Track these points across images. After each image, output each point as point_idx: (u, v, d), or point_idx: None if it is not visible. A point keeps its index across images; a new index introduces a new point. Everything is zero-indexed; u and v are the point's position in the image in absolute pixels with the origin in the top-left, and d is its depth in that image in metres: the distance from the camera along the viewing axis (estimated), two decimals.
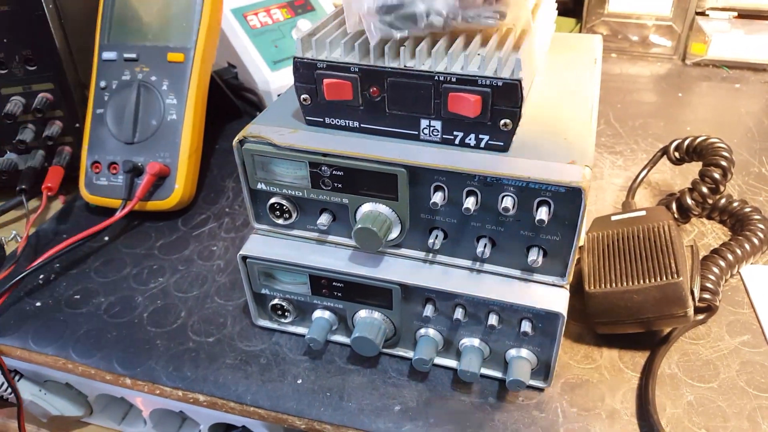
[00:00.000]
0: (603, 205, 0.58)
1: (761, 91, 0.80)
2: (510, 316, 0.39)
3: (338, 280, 0.41)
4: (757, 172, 0.63)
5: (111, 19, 0.60)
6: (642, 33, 0.87)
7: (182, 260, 0.54)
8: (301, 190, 0.40)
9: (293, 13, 0.75)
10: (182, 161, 0.57)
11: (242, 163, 0.39)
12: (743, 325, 0.46)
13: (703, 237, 0.54)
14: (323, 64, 0.36)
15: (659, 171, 0.62)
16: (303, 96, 0.38)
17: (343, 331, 0.44)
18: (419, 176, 0.37)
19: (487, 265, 0.39)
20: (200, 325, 0.48)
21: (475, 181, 0.36)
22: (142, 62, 0.59)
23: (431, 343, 0.41)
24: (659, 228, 0.44)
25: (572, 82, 0.43)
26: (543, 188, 0.34)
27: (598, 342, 0.45)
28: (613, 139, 0.68)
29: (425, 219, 0.39)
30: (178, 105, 0.57)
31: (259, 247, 0.42)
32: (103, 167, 0.58)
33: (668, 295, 0.40)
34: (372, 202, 0.38)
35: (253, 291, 0.44)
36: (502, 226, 0.37)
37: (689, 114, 0.74)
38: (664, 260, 0.41)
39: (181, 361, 0.45)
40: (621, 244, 0.44)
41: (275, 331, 0.46)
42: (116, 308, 0.50)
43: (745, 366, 0.43)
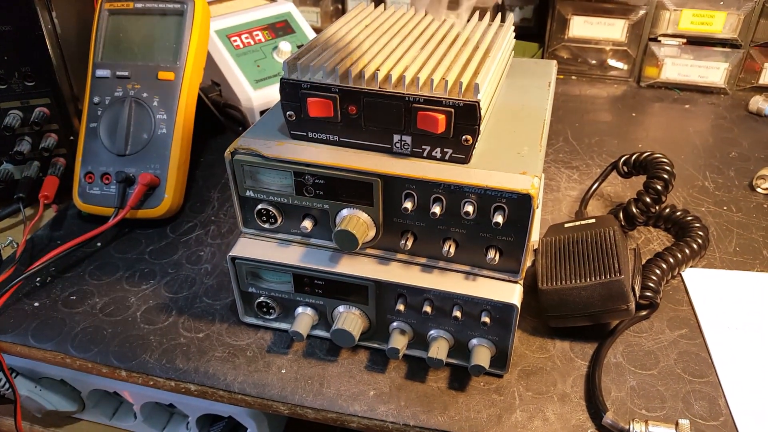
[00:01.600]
0: (558, 214, 0.63)
1: (708, 112, 0.86)
2: (471, 309, 0.43)
3: (319, 278, 0.46)
4: (700, 186, 0.69)
5: (104, 39, 0.64)
6: (600, 57, 0.94)
7: (172, 264, 0.58)
8: (286, 197, 0.44)
9: (274, 35, 0.80)
10: (171, 172, 0.61)
11: (233, 173, 0.44)
12: (682, 321, 0.51)
13: (649, 243, 0.59)
14: (307, 84, 0.41)
15: (611, 184, 0.68)
16: (288, 113, 0.43)
17: (323, 326, 0.49)
18: (392, 185, 0.42)
19: (452, 264, 0.44)
20: (190, 323, 0.52)
21: (441, 189, 0.41)
22: (133, 80, 0.63)
23: (403, 334, 0.46)
24: (606, 233, 0.49)
25: (527, 102, 0.49)
26: (498, 195, 0.39)
27: (552, 335, 0.50)
28: (570, 156, 0.74)
29: (397, 222, 0.44)
30: (167, 120, 0.62)
31: (247, 249, 0.46)
32: (96, 177, 0.62)
33: (612, 291, 0.46)
34: (350, 208, 0.43)
35: (240, 290, 0.49)
36: (464, 228, 0.42)
37: (641, 132, 0.81)
38: (609, 261, 0.47)
39: (173, 354, 0.49)
40: (571, 248, 0.50)
41: (261, 327, 0.51)
42: (111, 308, 0.54)
43: (682, 355, 0.48)
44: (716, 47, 0.89)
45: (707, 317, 0.51)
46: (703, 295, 0.54)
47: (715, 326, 0.51)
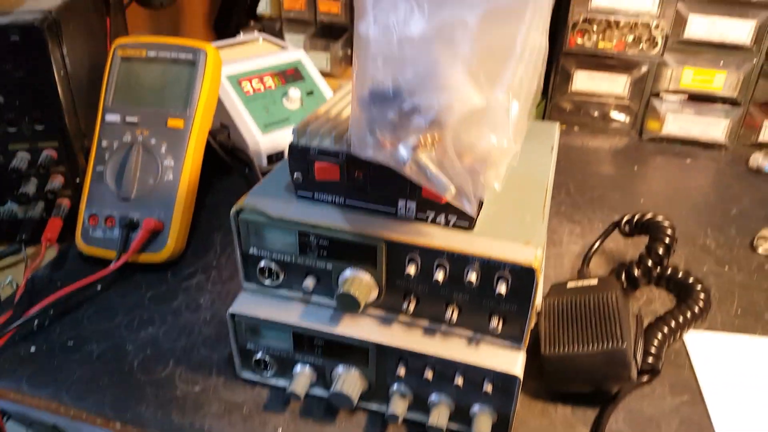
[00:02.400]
0: (561, 270, 0.63)
1: (709, 167, 0.87)
2: (473, 376, 0.43)
3: (319, 338, 0.45)
4: (702, 244, 0.69)
5: (116, 84, 0.65)
6: (603, 110, 0.95)
7: (171, 311, 0.58)
8: (289, 255, 0.44)
9: (284, 81, 0.81)
10: (176, 218, 0.61)
11: (237, 230, 0.44)
12: (684, 386, 0.51)
13: (651, 303, 0.59)
14: (315, 150, 0.41)
15: (613, 240, 0.68)
16: (296, 175, 0.43)
17: (321, 385, 0.48)
18: (396, 249, 0.42)
19: (455, 329, 0.44)
20: (187, 374, 0.51)
21: (444, 256, 0.41)
22: (142, 125, 0.63)
23: (402, 399, 0.45)
24: (608, 297, 0.49)
25: (531, 169, 0.49)
26: (502, 266, 0.40)
27: (554, 399, 0.49)
28: (572, 209, 0.75)
29: (400, 286, 0.44)
30: (175, 167, 0.62)
31: (247, 305, 0.46)
32: (99, 220, 0.62)
33: (614, 359, 0.45)
34: (353, 269, 0.43)
35: (238, 345, 0.48)
36: (467, 295, 0.42)
37: (643, 186, 0.81)
38: (611, 328, 0.47)
39: (169, 407, 0.48)
40: (574, 311, 0.50)
41: (258, 384, 0.50)
42: (108, 355, 0.53)
43: (684, 423, 0.48)
44: (717, 104, 0.90)
45: (709, 383, 0.51)
46: (704, 360, 0.53)
47: (716, 393, 0.50)
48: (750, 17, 0.83)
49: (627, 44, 0.88)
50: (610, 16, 0.87)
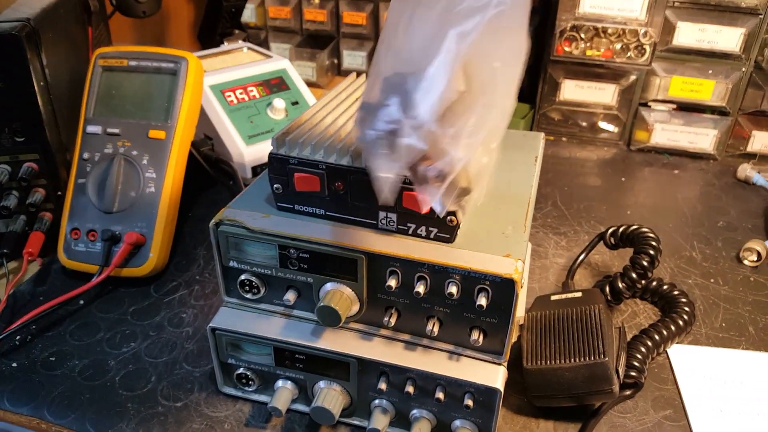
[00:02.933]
0: (546, 283, 0.63)
1: (697, 178, 0.87)
2: (455, 390, 0.43)
3: (300, 352, 0.45)
4: (688, 256, 0.69)
5: (97, 95, 0.64)
6: (591, 119, 0.95)
7: (153, 326, 0.57)
8: (270, 268, 0.44)
9: (269, 91, 0.81)
10: (158, 231, 0.61)
11: (217, 243, 0.44)
12: (666, 401, 0.51)
13: (636, 317, 0.59)
14: (295, 160, 0.41)
15: (599, 252, 0.68)
16: (276, 186, 0.43)
17: (303, 400, 0.48)
18: (376, 261, 0.41)
19: (436, 343, 0.44)
20: (169, 390, 0.51)
21: (425, 268, 0.41)
22: (124, 137, 0.63)
23: (384, 414, 0.45)
24: (591, 311, 0.49)
25: (514, 180, 0.49)
26: (482, 278, 0.39)
27: (536, 414, 0.49)
28: (558, 221, 0.74)
29: (382, 299, 0.43)
30: (156, 179, 0.62)
31: (228, 320, 0.46)
32: (81, 234, 0.62)
33: (595, 373, 0.45)
34: (334, 282, 0.43)
35: (220, 360, 0.48)
36: (448, 308, 0.42)
37: (630, 198, 0.81)
38: (593, 341, 0.46)
39: (151, 424, 0.48)
40: (557, 324, 0.49)
41: (239, 399, 0.50)
42: (90, 371, 0.53)
43: None
44: (705, 114, 0.90)
45: (692, 398, 0.51)
46: (688, 374, 0.53)
47: (699, 408, 0.50)
48: (739, 25, 0.83)
49: (615, 52, 0.88)
50: (597, 24, 0.87)
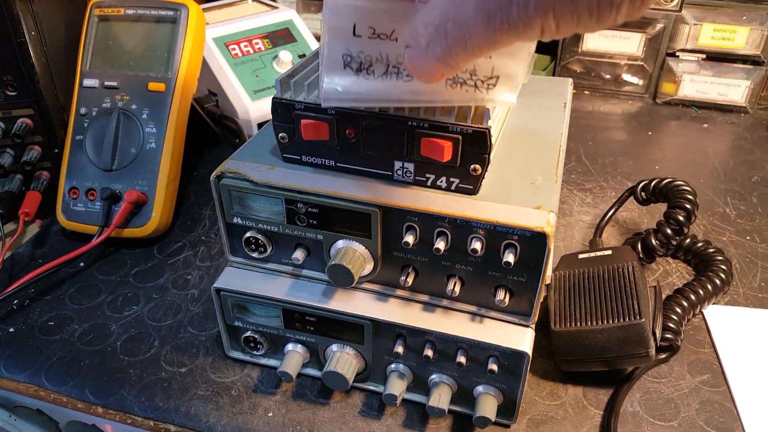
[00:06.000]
0: (571, 242, 0.59)
1: (727, 132, 0.82)
2: (477, 354, 0.40)
3: (311, 314, 0.42)
4: (721, 213, 0.65)
5: (93, 47, 0.61)
6: (614, 72, 0.90)
7: (157, 288, 0.54)
8: (276, 225, 0.40)
9: (275, 44, 0.77)
10: (160, 190, 0.57)
11: (219, 198, 0.40)
12: (704, 365, 0.47)
13: (668, 276, 0.55)
14: (301, 105, 0.37)
15: (627, 209, 0.64)
16: (281, 134, 0.39)
17: (314, 364, 0.45)
18: (392, 216, 0.38)
19: (457, 303, 0.40)
20: (173, 355, 0.48)
21: (446, 222, 0.37)
22: (122, 90, 0.59)
23: (401, 379, 0.42)
24: (624, 269, 0.45)
25: (542, 126, 0.45)
26: (510, 232, 0.36)
27: (564, 379, 0.46)
28: (583, 177, 0.70)
29: (398, 257, 0.40)
30: (157, 134, 0.58)
31: (234, 280, 0.43)
32: (80, 193, 0.59)
33: (630, 335, 0.42)
34: (346, 239, 0.39)
35: (226, 323, 0.45)
36: (471, 266, 0.38)
37: (658, 153, 0.77)
38: (628, 301, 0.43)
39: (153, 391, 0.45)
40: (586, 284, 0.46)
41: (247, 363, 0.47)
42: (90, 336, 0.50)
43: (705, 405, 0.44)
44: (737, 63, 0.85)
45: (731, 362, 0.47)
46: (726, 336, 0.50)
47: (740, 372, 0.47)
48: None
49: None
50: None
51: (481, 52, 0.25)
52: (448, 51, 0.25)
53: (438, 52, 0.25)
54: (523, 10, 0.21)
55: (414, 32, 0.26)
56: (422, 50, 0.26)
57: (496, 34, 0.23)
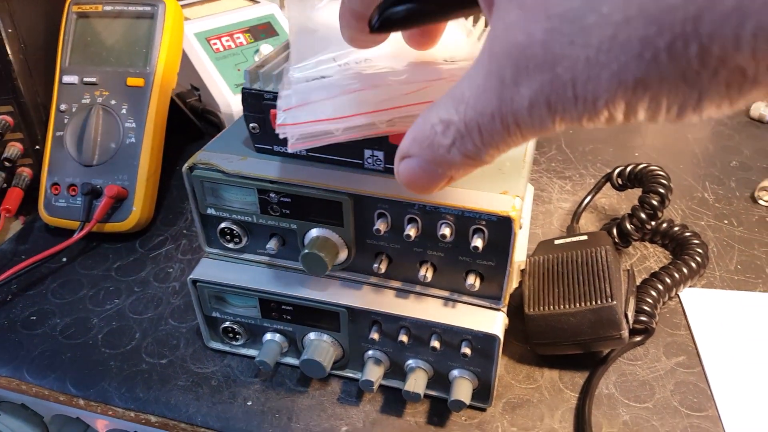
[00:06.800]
0: (550, 229, 0.60)
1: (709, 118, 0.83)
2: (451, 338, 0.40)
3: (287, 303, 0.42)
4: (700, 197, 0.65)
5: (72, 44, 0.61)
6: None
7: (138, 282, 0.55)
8: (250, 215, 0.41)
9: (256, 38, 0.77)
10: (140, 184, 0.58)
11: (192, 189, 0.41)
12: (679, 347, 0.48)
13: (645, 260, 0.56)
14: (270, 95, 0.38)
15: (606, 196, 0.64)
16: (252, 125, 0.39)
17: (293, 353, 0.46)
18: (363, 203, 0.38)
19: (430, 289, 0.41)
20: (154, 347, 0.48)
21: (415, 209, 0.37)
22: (101, 86, 0.59)
23: (378, 365, 0.42)
24: (597, 253, 0.46)
25: None
26: (477, 217, 0.36)
27: (540, 363, 0.46)
28: (563, 165, 0.71)
29: (371, 244, 0.40)
30: (137, 128, 0.58)
31: (210, 271, 0.43)
32: (62, 189, 0.59)
33: (603, 318, 0.42)
34: (319, 228, 0.40)
35: (204, 314, 0.45)
36: (441, 251, 0.39)
37: (638, 140, 0.77)
38: (600, 284, 0.43)
39: (134, 382, 0.46)
40: (561, 268, 0.46)
41: (227, 354, 0.47)
42: (72, 329, 0.50)
43: (680, 386, 0.45)
44: None
45: (706, 343, 0.48)
46: (701, 318, 0.50)
47: (714, 353, 0.47)
48: None
49: None
50: None
51: (525, 141, 0.22)
52: (483, 147, 0.22)
53: (469, 149, 0.22)
54: (591, 105, 0.18)
55: (423, 135, 0.23)
56: (441, 151, 0.23)
57: (553, 126, 0.20)
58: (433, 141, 0.23)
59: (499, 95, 0.20)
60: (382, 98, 0.32)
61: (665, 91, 0.17)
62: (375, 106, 0.32)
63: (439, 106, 0.23)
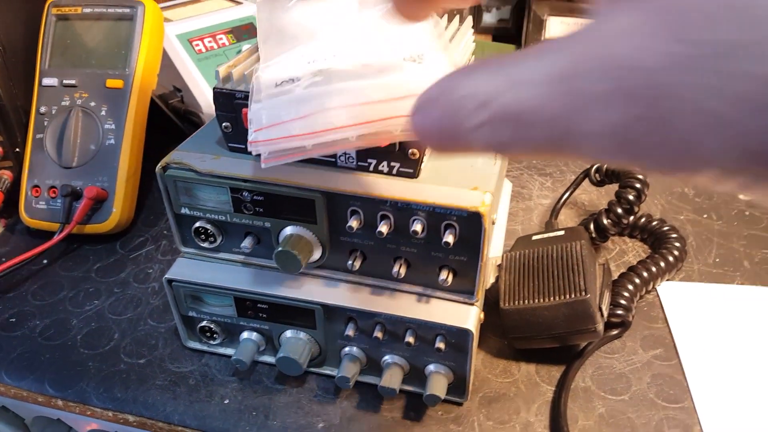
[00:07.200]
0: (529, 225, 0.60)
1: None
2: (425, 333, 0.40)
3: (262, 301, 0.42)
4: (680, 192, 0.66)
5: (51, 46, 0.61)
6: None
7: (118, 283, 0.55)
8: (223, 214, 0.41)
9: (239, 39, 0.77)
10: (120, 185, 0.58)
11: (165, 189, 0.41)
12: (657, 340, 0.48)
13: (624, 255, 0.56)
14: (242, 94, 0.38)
15: (587, 191, 0.65)
16: (224, 124, 0.39)
17: (270, 351, 0.46)
18: (336, 201, 0.38)
19: (404, 285, 0.41)
20: (132, 347, 0.48)
21: (388, 206, 0.38)
22: (81, 88, 0.59)
23: (354, 361, 0.43)
24: (572, 247, 0.46)
25: None
26: (448, 213, 0.36)
27: (517, 357, 0.46)
28: (543, 162, 0.71)
29: (345, 241, 0.40)
30: (116, 130, 0.58)
31: (185, 271, 0.43)
32: (42, 191, 0.59)
33: (577, 311, 0.42)
34: (293, 226, 0.40)
35: (180, 314, 0.45)
36: (415, 247, 0.39)
37: None
38: (574, 278, 0.44)
39: (112, 382, 0.46)
40: (536, 263, 0.46)
41: (205, 353, 0.47)
42: (51, 331, 0.50)
43: (656, 378, 0.45)
44: None
45: (683, 335, 0.48)
46: (679, 311, 0.51)
47: (691, 345, 0.48)
48: None
49: None
50: None
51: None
52: (515, 146, 0.18)
53: (501, 139, 0.17)
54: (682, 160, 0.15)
55: (450, 98, 0.18)
56: (462, 128, 0.18)
57: (609, 160, 0.17)
58: (455, 110, 0.18)
59: (564, 105, 0.16)
60: (353, 114, 0.32)
61: None
62: (345, 122, 0.32)
63: (476, 73, 0.18)
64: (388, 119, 0.32)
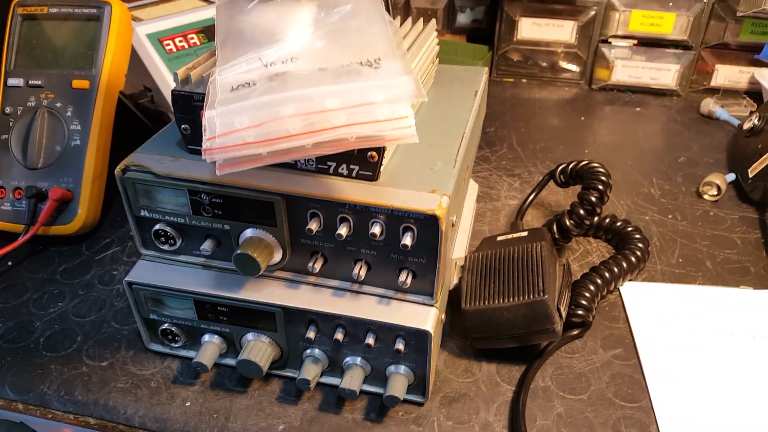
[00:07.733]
0: (496, 225, 0.61)
1: (659, 115, 0.85)
2: (385, 335, 0.41)
3: (222, 304, 0.42)
4: (646, 193, 0.67)
5: (17, 46, 0.60)
6: (552, 59, 0.91)
7: (83, 285, 0.54)
8: (182, 216, 0.41)
9: (210, 38, 0.77)
10: (85, 186, 0.57)
11: (125, 191, 0.41)
12: (617, 339, 0.49)
13: (588, 255, 0.57)
14: (200, 96, 0.38)
15: (554, 192, 0.65)
16: (183, 126, 0.39)
17: (232, 354, 0.46)
18: (295, 204, 0.39)
19: (365, 287, 0.41)
20: (95, 350, 0.48)
21: (347, 208, 0.38)
22: (47, 89, 0.59)
23: (315, 363, 0.43)
24: (532, 248, 0.47)
25: (450, 113, 0.46)
26: (405, 215, 0.37)
27: (479, 357, 0.47)
28: (513, 163, 0.72)
29: (306, 244, 0.41)
30: (82, 131, 0.58)
31: (145, 273, 0.43)
32: (7, 192, 0.58)
33: (535, 311, 0.43)
34: (253, 228, 0.40)
35: (142, 316, 0.45)
36: (374, 250, 0.39)
37: (589, 137, 0.78)
38: (533, 279, 0.44)
39: (74, 385, 0.45)
40: (498, 264, 0.47)
41: (167, 355, 0.47)
42: (13, 333, 0.50)
43: (615, 378, 0.46)
44: (668, 48, 0.87)
45: (643, 335, 0.49)
46: (640, 311, 0.51)
47: (650, 345, 0.48)
48: None
49: None
50: None
51: None
52: None
53: None
54: None
55: None
56: None
57: None
58: None
59: None
60: (308, 122, 0.32)
61: None
62: (300, 130, 0.32)
63: None
64: (343, 126, 0.33)
